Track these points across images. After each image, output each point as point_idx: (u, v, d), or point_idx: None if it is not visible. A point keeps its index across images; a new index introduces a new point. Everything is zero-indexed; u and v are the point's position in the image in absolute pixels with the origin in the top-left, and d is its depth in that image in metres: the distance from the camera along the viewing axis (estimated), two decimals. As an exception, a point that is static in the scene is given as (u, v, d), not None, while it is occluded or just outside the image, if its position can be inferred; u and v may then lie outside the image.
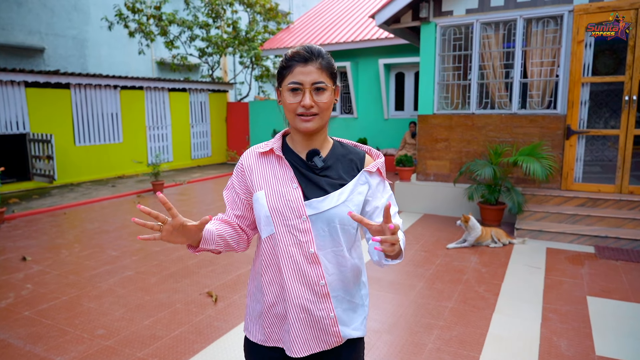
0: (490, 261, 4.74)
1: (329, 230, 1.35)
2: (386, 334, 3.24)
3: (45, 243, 5.57)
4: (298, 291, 1.34)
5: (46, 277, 4.42)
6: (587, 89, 5.88)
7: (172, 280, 4.32)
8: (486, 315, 3.51)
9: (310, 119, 1.32)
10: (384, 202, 1.42)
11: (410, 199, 7.02)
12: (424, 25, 6.70)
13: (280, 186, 1.36)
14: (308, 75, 1.30)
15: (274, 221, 1.35)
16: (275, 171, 1.39)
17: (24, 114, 9.06)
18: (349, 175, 1.40)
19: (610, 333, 3.22)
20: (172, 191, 9.14)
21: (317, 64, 1.31)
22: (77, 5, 14.07)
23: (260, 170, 1.41)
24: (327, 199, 1.34)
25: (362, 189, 1.39)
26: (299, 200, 1.33)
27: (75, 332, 3.30)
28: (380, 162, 1.44)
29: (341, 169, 1.40)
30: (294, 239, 1.34)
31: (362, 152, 1.47)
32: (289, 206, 1.33)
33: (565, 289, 4.01)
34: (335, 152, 1.43)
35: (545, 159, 5.68)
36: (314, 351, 1.38)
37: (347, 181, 1.39)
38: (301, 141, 1.40)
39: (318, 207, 1.34)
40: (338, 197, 1.35)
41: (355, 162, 1.43)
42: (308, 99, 1.30)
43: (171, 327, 3.38)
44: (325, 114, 1.35)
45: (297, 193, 1.34)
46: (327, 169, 1.39)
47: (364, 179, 1.41)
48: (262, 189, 1.38)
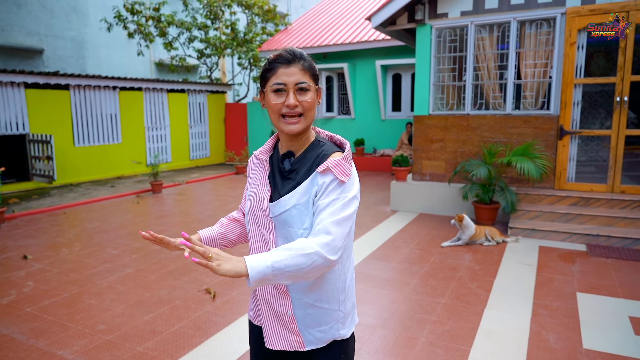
0: (484, 259, 4.83)
1: (286, 233, 1.40)
2: (380, 328, 3.33)
3: (45, 242, 5.64)
4: (262, 287, 1.46)
5: (47, 274, 4.49)
6: (579, 90, 5.98)
7: (172, 277, 4.40)
8: (478, 311, 3.60)
9: (296, 121, 1.36)
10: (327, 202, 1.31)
11: (406, 198, 7.12)
12: (420, 27, 6.80)
13: (257, 187, 1.46)
14: (291, 76, 1.34)
15: (249, 218, 1.48)
16: (258, 172, 1.50)
17: (24, 115, 9.13)
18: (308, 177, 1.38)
19: (598, 327, 3.31)
20: (170, 191, 9.22)
21: (299, 66, 1.36)
22: (76, 6, 14.14)
23: (252, 171, 1.54)
24: (279, 204, 1.38)
25: (314, 190, 1.35)
26: (265, 201, 1.41)
27: (76, 328, 3.38)
28: (334, 161, 1.33)
29: (307, 172, 1.39)
30: (262, 237, 1.44)
31: (332, 150, 1.40)
32: (260, 206, 1.43)
33: (555, 285, 4.10)
34: (307, 153, 1.42)
35: (539, 159, 5.78)
36: (279, 348, 1.43)
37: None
38: (285, 142, 1.45)
39: (273, 211, 1.40)
40: (287, 201, 1.37)
41: (317, 162, 1.38)
42: (292, 99, 1.33)
43: (170, 322, 3.46)
44: (309, 114, 1.37)
45: (266, 194, 1.42)
46: (294, 172, 1.42)
47: (317, 180, 1.35)
48: (249, 188, 1.53)
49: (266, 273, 1.19)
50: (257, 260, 1.20)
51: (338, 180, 1.33)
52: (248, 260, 1.19)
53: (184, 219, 6.80)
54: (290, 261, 1.21)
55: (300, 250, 1.22)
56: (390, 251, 5.13)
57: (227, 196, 8.67)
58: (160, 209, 7.63)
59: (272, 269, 1.19)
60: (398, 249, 5.22)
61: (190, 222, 6.58)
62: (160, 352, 3.04)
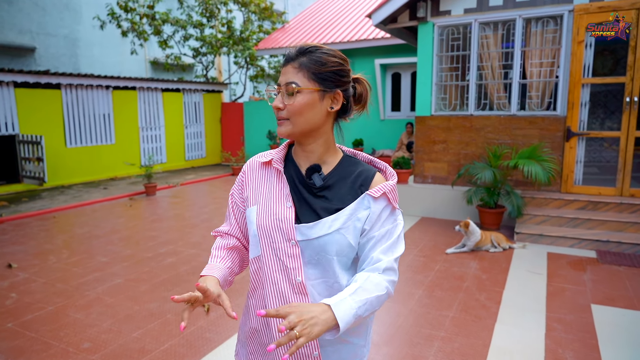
0: (491, 267, 4.63)
1: (319, 259, 1.19)
2: (385, 346, 3.12)
3: (32, 249, 5.40)
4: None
5: (32, 285, 4.26)
6: (587, 90, 5.78)
7: (163, 288, 4.17)
8: (488, 326, 3.39)
9: (281, 123, 1.20)
10: (383, 233, 1.20)
11: (407, 201, 6.91)
12: (422, 25, 6.58)
13: (273, 203, 1.22)
14: (283, 76, 1.20)
15: (261, 242, 1.22)
16: (271, 186, 1.26)
17: (13, 115, 8.86)
18: (352, 198, 1.21)
19: (617, 343, 3.11)
20: (164, 193, 8.98)
21: (295, 63, 1.18)
22: (69, 4, 13.85)
23: (257, 183, 1.28)
24: (318, 226, 1.18)
25: (362, 215, 1.19)
26: (289, 221, 1.19)
27: (59, 346, 3.15)
28: (390, 185, 1.21)
29: (344, 190, 1.22)
30: (281, 264, 1.19)
31: (373, 171, 1.26)
32: (279, 227, 1.19)
33: (568, 296, 3.90)
34: (340, 169, 1.25)
35: (546, 162, 5.58)
36: None
37: (346, 205, 1.20)
38: (299, 151, 1.27)
39: (307, 233, 1.18)
40: (331, 223, 1.17)
41: (360, 182, 1.23)
42: (276, 100, 1.19)
43: (161, 339, 3.24)
44: (297, 119, 1.18)
45: (289, 213, 1.19)
46: (327, 189, 1.22)
47: (366, 204, 1.20)
48: (255, 205, 1.26)
49: (350, 323, 1.06)
50: (344, 308, 1.05)
51: (392, 207, 1.22)
52: (335, 309, 1.04)
53: (178, 223, 6.57)
54: (369, 305, 1.10)
55: (377, 292, 1.12)
56: (392, 258, 4.91)
57: (223, 199, 8.44)
58: (153, 212, 7.39)
59: (355, 316, 1.06)
60: (401, 256, 4.99)
61: (185, 227, 6.34)
62: (148, 374, 2.81)
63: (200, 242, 5.62)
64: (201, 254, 5.15)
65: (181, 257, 5.05)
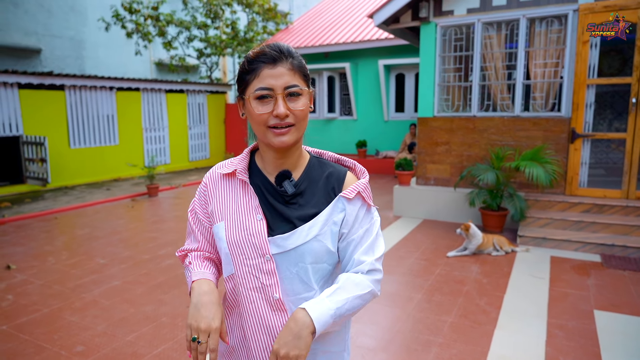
0: (492, 271, 4.55)
1: (297, 271, 1.13)
2: (382, 352, 3.06)
3: (32, 250, 5.40)
4: (261, 344, 1.14)
5: (29, 287, 4.24)
6: (592, 91, 5.68)
7: (160, 290, 4.14)
8: (488, 332, 3.31)
9: (286, 132, 1.09)
10: (362, 233, 1.16)
11: (409, 203, 6.83)
12: (424, 26, 6.51)
13: (241, 217, 1.15)
14: (279, 79, 1.07)
15: (233, 259, 1.15)
16: (237, 198, 1.17)
17: (17, 116, 8.90)
18: (325, 202, 1.16)
19: (620, 351, 3.03)
20: (167, 195, 8.97)
21: (288, 65, 1.09)
22: (74, 6, 13.93)
23: (221, 196, 1.19)
24: (294, 235, 1.12)
25: (338, 218, 1.15)
26: (261, 235, 1.12)
27: (52, 349, 3.13)
28: (362, 184, 1.18)
29: (316, 195, 1.17)
30: (257, 281, 1.13)
31: (344, 170, 1.22)
32: (251, 242, 1.12)
33: (571, 301, 3.81)
34: (310, 173, 1.20)
35: (549, 164, 5.49)
36: None
37: (321, 209, 1.15)
38: (272, 160, 1.17)
39: (283, 245, 1.12)
40: (307, 232, 1.12)
41: (332, 184, 1.18)
42: (282, 107, 1.07)
43: (154, 343, 3.20)
44: (302, 125, 1.12)
45: (260, 226, 1.13)
46: (299, 196, 1.16)
47: (340, 206, 1.16)
48: (221, 220, 1.17)
49: (328, 323, 1.04)
50: (320, 309, 1.04)
51: (367, 205, 1.19)
52: (311, 311, 1.03)
53: (178, 225, 6.54)
54: (350, 305, 1.09)
55: (358, 291, 1.10)
56: (393, 262, 4.86)
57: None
58: (155, 213, 7.38)
59: (333, 317, 1.05)
60: (401, 259, 4.94)
61: (185, 228, 6.30)
62: (140, 379, 2.78)
63: (200, 244, 5.58)
64: (200, 256, 5.11)
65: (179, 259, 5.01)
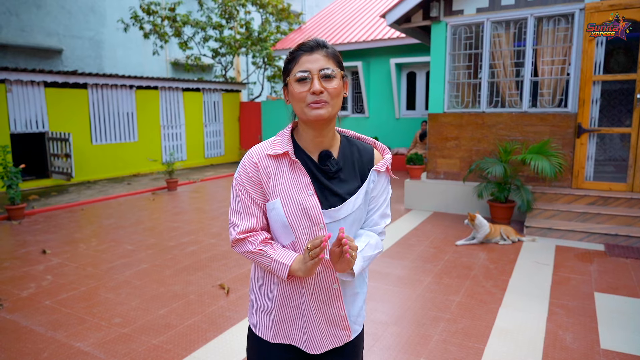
0: (499, 258, 4.78)
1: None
2: (393, 325, 3.32)
3: (63, 237, 5.75)
4: (313, 294, 1.38)
5: (65, 269, 4.58)
6: (598, 87, 5.86)
7: (186, 273, 4.44)
8: (492, 309, 3.56)
9: (321, 106, 1.27)
10: (384, 199, 1.45)
11: (420, 197, 7.07)
12: (435, 25, 6.75)
13: (296, 194, 1.32)
14: (315, 63, 1.28)
15: (294, 230, 1.33)
16: (289, 176, 1.34)
17: (43, 113, 9.31)
18: (361, 175, 1.40)
19: (616, 327, 3.25)
20: (185, 189, 9.31)
21: (323, 52, 1.30)
22: (94, 7, 14.37)
23: (274, 174, 1.34)
24: (344, 207, 1.35)
25: (370, 188, 1.41)
26: (316, 208, 1.31)
27: (93, 320, 3.44)
28: (389, 159, 1.44)
29: (352, 170, 1.39)
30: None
31: (370, 148, 1.46)
32: (307, 214, 1.31)
33: (572, 285, 4.03)
34: (344, 151, 1.41)
35: (555, 157, 5.70)
36: (329, 348, 1.42)
37: (358, 182, 1.39)
38: (312, 138, 1.36)
39: (334, 216, 1.34)
40: (354, 203, 1.36)
41: (364, 160, 1.42)
42: (317, 84, 1.26)
43: (185, 316, 3.50)
44: (335, 102, 1.30)
45: (313, 201, 1.32)
46: (339, 172, 1.37)
47: (372, 178, 1.41)
48: (277, 197, 1.33)
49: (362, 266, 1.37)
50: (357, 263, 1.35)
51: (389, 177, 1.48)
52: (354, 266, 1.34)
53: (199, 216, 6.86)
54: (369, 260, 1.41)
55: (377, 250, 1.43)
56: (403, 249, 5.11)
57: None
58: (175, 205, 7.71)
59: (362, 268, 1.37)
60: (412, 247, 5.19)
61: (205, 219, 6.64)
62: (174, 345, 3.07)
63: (220, 232, 5.89)
64: (220, 243, 5.42)
65: (202, 245, 5.32)
